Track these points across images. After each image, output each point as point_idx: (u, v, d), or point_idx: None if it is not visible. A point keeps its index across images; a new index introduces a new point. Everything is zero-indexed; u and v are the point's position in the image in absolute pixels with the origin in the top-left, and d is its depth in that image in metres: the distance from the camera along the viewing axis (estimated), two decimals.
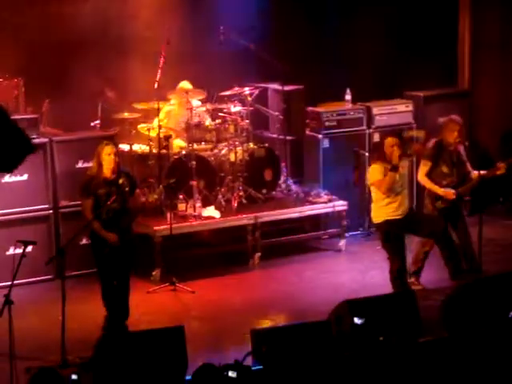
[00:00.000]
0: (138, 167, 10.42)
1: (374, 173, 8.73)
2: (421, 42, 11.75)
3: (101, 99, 10.44)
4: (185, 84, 10.55)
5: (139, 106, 10.46)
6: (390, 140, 8.67)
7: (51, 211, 9.81)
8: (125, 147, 10.40)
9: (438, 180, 9.18)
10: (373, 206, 8.88)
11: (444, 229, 8.89)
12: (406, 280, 8.81)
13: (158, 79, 9.99)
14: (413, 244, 9.29)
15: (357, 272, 9.96)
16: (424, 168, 9.21)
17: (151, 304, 9.12)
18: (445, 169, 9.17)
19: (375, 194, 8.80)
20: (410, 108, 11.42)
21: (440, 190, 9.15)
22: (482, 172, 9.24)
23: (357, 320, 6.46)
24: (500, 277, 7.36)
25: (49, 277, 9.53)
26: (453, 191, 9.12)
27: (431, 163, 9.17)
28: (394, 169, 8.59)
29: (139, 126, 10.49)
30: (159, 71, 10.00)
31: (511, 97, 12.10)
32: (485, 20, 11.87)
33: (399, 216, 8.75)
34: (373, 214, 8.92)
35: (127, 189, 8.20)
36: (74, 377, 6.43)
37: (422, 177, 9.27)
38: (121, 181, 8.17)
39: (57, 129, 10.32)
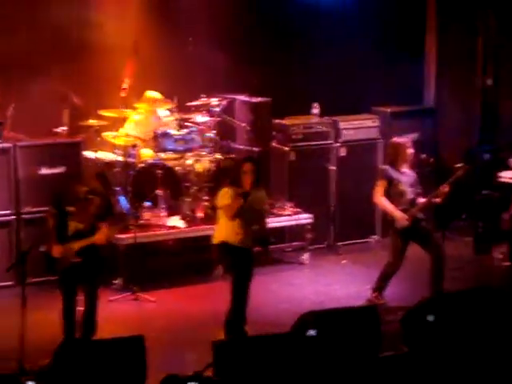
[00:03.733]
0: None
1: (223, 196, 8.24)
2: (389, 58, 11.82)
3: (67, 105, 10.39)
4: (152, 93, 10.53)
5: (106, 114, 10.42)
6: (245, 165, 8.16)
7: (13, 217, 9.72)
8: (90, 155, 10.34)
9: (398, 198, 9.17)
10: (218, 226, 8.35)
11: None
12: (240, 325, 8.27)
13: (125, 87, 9.95)
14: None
15: (320, 285, 9.98)
16: (380, 189, 9.16)
17: (112, 313, 9.05)
18: (402, 187, 9.17)
19: (222, 217, 8.29)
20: (377, 123, 11.48)
21: (397, 213, 9.07)
22: (421, 200, 9.20)
23: (311, 332, 6.46)
24: (460, 294, 7.40)
25: (9, 283, 9.41)
26: (406, 218, 9.03)
27: (385, 182, 9.15)
28: (244, 196, 8.09)
29: (105, 134, 10.44)
30: (126, 79, 9.96)
31: (475, 114, 12.22)
32: (450, 38, 11.99)
33: (241, 245, 8.23)
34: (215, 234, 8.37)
35: (94, 207, 7.99)
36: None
37: (378, 198, 9.20)
38: (90, 200, 8.02)
39: (21, 134, 10.23)
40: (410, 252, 9.36)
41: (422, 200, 9.20)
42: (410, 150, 9.25)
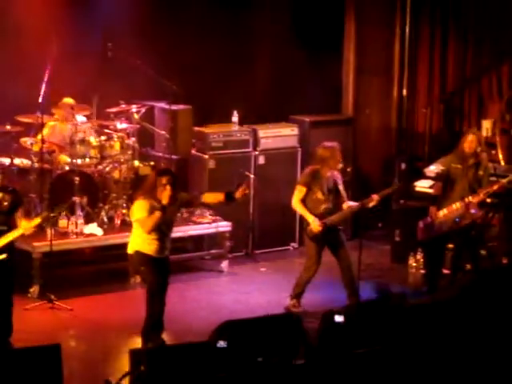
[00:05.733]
0: (19, 182, 10.21)
1: (139, 209, 8.10)
2: (308, 67, 11.93)
3: None
4: (68, 100, 10.43)
5: (22, 119, 10.27)
6: (164, 178, 8.03)
7: None
8: (5, 161, 10.18)
9: (314, 206, 9.25)
10: (132, 235, 8.29)
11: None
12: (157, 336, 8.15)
13: (42, 92, 9.83)
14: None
15: (239, 293, 10.00)
16: (299, 194, 9.26)
17: (27, 321, 8.91)
18: (320, 195, 9.26)
19: (137, 228, 8.22)
20: (296, 132, 11.57)
21: (310, 218, 9.18)
22: (353, 204, 9.32)
23: (222, 343, 6.48)
24: (376, 302, 7.51)
25: None
26: (319, 224, 9.15)
27: (305, 189, 9.25)
28: (163, 209, 7.98)
29: (22, 140, 10.29)
30: (44, 84, 9.84)
31: (393, 124, 12.42)
32: (368, 49, 12.16)
33: (156, 255, 8.17)
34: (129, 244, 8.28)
35: (6, 204, 7.97)
36: None
37: (296, 203, 9.29)
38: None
39: None
40: (331, 259, 9.45)
41: (352, 204, 9.30)
42: (340, 157, 9.32)
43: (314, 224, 9.16)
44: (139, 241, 8.21)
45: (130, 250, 8.31)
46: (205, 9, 11.55)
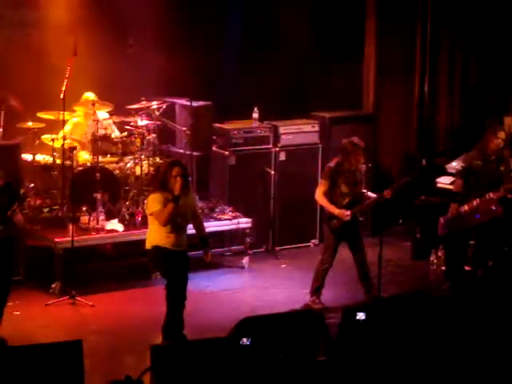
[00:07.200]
0: (41, 178, 10.27)
1: (154, 202, 8.14)
2: (329, 64, 11.91)
3: (4, 107, 10.28)
4: (89, 95, 10.46)
5: (44, 116, 10.32)
6: (174, 170, 8.09)
7: None
8: (28, 157, 10.24)
9: (337, 200, 9.25)
10: (149, 231, 8.28)
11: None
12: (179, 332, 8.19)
13: (63, 89, 9.87)
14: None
15: (259, 289, 10.01)
16: (321, 188, 9.27)
17: (49, 317, 8.97)
18: (344, 189, 9.25)
19: (153, 223, 8.21)
20: (316, 128, 11.55)
21: (336, 211, 9.19)
22: (372, 195, 9.32)
23: (245, 340, 6.49)
24: (396, 298, 7.48)
25: None
26: (348, 212, 9.16)
27: (328, 183, 9.25)
28: (175, 200, 8.08)
29: (43, 137, 10.34)
30: (65, 81, 9.88)
31: (413, 121, 12.38)
32: (389, 46, 12.12)
33: (174, 248, 8.19)
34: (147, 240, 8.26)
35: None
36: None
37: (319, 196, 9.31)
38: None
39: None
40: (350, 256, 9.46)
41: (370, 194, 9.30)
42: (362, 152, 9.29)
43: (342, 214, 9.14)
44: (156, 235, 8.23)
45: (148, 246, 8.32)
46: (226, 6, 11.55)
